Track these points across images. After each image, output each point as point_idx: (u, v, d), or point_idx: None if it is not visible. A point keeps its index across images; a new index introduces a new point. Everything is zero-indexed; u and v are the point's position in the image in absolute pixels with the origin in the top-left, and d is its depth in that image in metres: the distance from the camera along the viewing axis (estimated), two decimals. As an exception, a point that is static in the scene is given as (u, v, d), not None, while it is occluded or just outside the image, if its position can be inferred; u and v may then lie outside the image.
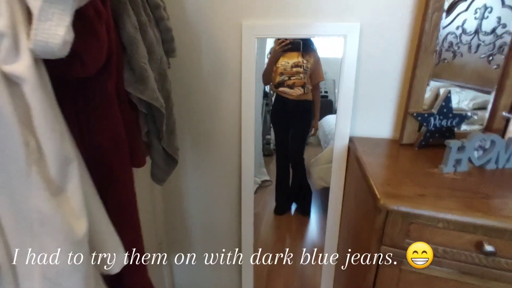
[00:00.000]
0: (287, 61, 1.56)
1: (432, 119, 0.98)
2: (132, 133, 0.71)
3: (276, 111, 1.86)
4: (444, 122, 0.98)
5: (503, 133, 0.99)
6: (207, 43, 1.13)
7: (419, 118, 0.98)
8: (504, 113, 0.96)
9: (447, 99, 0.96)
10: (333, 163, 1.16)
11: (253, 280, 1.43)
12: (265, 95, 1.92)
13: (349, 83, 1.07)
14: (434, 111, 0.98)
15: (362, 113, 1.13)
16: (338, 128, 1.12)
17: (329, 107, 1.72)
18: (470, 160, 0.85)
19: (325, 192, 2.14)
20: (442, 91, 1.02)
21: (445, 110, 0.97)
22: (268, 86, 1.75)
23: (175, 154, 0.83)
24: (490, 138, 0.84)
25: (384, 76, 1.07)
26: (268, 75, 1.62)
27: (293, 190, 1.91)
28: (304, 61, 1.54)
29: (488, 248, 0.66)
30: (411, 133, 1.03)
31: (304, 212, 1.90)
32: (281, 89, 1.65)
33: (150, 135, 0.77)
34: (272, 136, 2.20)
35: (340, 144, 1.13)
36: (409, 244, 0.72)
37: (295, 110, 1.73)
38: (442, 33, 0.95)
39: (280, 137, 1.92)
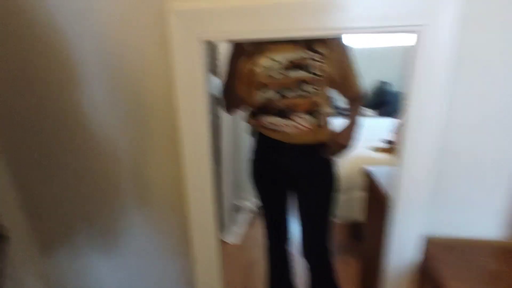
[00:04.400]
0: (274, 57, 0.67)
1: None
2: None
3: (259, 168, 0.83)
4: None
5: None
6: (107, 56, 0.52)
7: None
8: None
9: None
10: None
11: None
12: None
13: (427, 132, 0.46)
14: None
15: (448, 192, 0.52)
16: (397, 229, 0.50)
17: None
18: None
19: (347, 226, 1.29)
20: None
21: None
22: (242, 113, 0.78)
23: None
24: None
25: (506, 116, 0.47)
26: (230, 96, 0.75)
27: None
28: (317, 57, 0.67)
29: None
30: None
31: None
32: (266, 119, 0.73)
33: None
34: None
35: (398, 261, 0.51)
36: None
37: (299, 167, 0.77)
38: None
39: (273, 218, 0.89)
